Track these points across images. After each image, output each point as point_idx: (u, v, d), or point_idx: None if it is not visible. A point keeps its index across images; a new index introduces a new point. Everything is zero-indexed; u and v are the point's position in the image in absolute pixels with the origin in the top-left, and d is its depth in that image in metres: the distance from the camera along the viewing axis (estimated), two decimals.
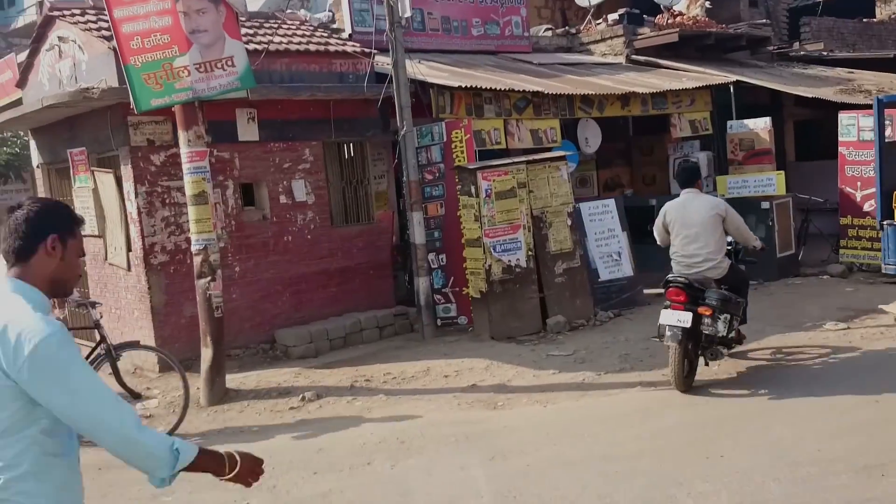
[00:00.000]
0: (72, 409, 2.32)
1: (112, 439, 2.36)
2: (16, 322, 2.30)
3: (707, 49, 14.72)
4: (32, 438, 2.35)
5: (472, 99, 10.60)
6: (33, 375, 2.27)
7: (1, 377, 2.28)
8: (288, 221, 9.80)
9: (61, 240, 2.47)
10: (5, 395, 2.30)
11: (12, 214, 2.47)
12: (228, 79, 7.71)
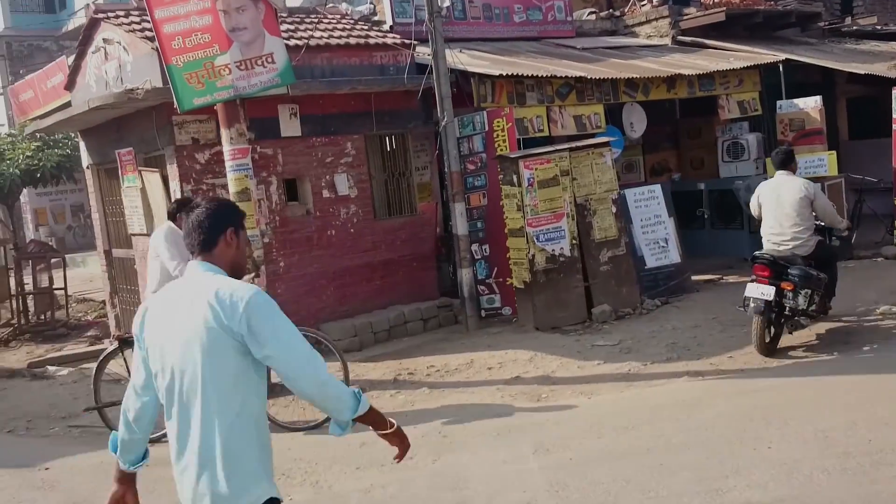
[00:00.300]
0: (280, 355, 2.72)
1: (309, 382, 2.77)
2: (224, 286, 2.78)
3: (755, 27, 14.36)
4: (249, 409, 2.78)
5: (514, 87, 10.51)
6: (250, 327, 2.70)
7: (222, 333, 2.72)
8: (331, 215, 9.87)
9: (235, 232, 2.94)
10: (228, 350, 2.73)
11: (192, 213, 2.94)
12: (269, 75, 7.78)
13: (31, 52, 26.80)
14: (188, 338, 2.76)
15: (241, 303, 2.71)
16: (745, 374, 7.07)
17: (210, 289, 2.77)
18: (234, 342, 2.71)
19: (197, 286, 2.82)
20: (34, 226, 25.52)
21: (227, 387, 2.74)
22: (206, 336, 2.73)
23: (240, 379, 2.76)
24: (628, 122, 11.93)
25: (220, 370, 2.74)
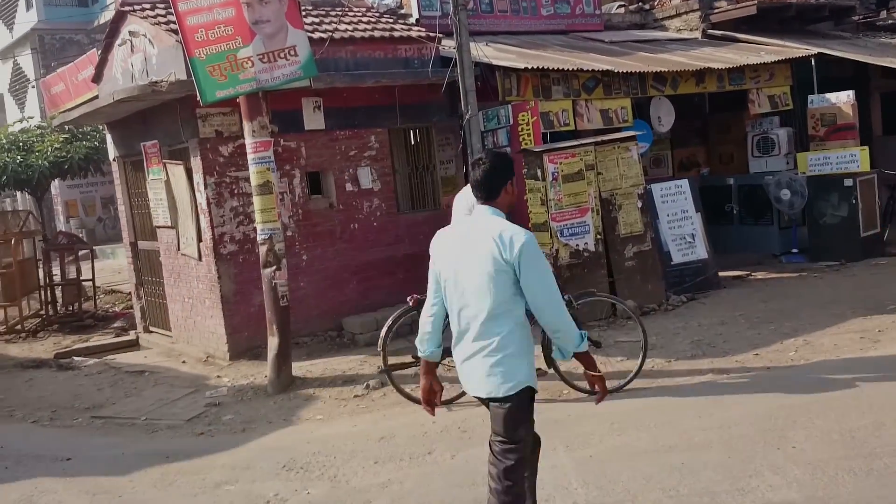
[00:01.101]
0: (539, 289, 3.60)
1: (554, 313, 3.64)
2: (507, 229, 3.64)
3: (788, 21, 14.12)
4: (517, 319, 3.67)
5: (540, 80, 10.41)
6: (522, 262, 3.56)
7: (502, 265, 3.58)
8: (354, 209, 9.85)
9: (513, 182, 3.83)
10: (506, 280, 3.60)
11: (478, 168, 3.80)
12: (291, 68, 7.75)
13: (63, 46, 27.13)
14: (477, 262, 3.65)
15: (517, 244, 3.57)
16: (772, 373, 6.92)
17: (495, 229, 3.64)
18: (509, 270, 3.59)
19: (485, 224, 3.70)
20: (65, 217, 25.86)
21: (505, 300, 3.62)
22: (490, 263, 3.60)
23: (514, 297, 3.65)
24: (656, 117, 11.78)
25: (501, 288, 3.61)
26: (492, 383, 3.65)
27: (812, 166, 11.36)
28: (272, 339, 7.75)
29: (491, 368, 3.64)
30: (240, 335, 9.01)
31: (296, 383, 7.99)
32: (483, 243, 3.62)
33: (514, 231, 3.61)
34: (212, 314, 9.21)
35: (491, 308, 3.62)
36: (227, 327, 8.97)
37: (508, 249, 3.56)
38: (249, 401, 7.71)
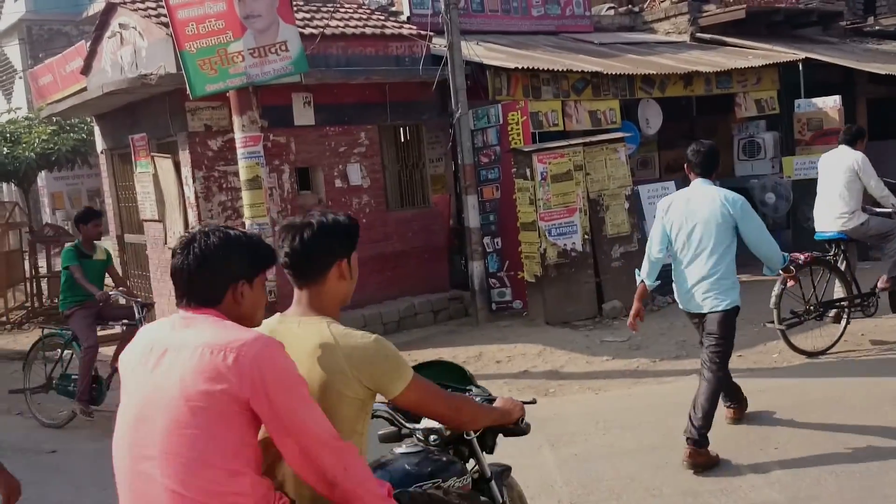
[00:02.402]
0: (756, 233, 5.21)
1: (767, 248, 5.32)
2: (727, 193, 5.22)
3: (776, 25, 14.21)
4: (731, 257, 5.23)
5: (530, 80, 10.45)
6: (741, 214, 5.14)
7: (728, 218, 5.12)
8: (343, 205, 9.85)
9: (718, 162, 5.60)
10: (727, 229, 5.16)
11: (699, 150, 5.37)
12: (282, 63, 7.76)
13: (51, 37, 26.94)
14: (708, 216, 5.15)
15: (739, 201, 5.14)
16: (755, 374, 6.99)
17: (718, 193, 5.20)
18: (731, 221, 5.14)
19: (707, 191, 5.23)
20: (51, 209, 25.68)
21: (725, 243, 5.17)
22: (720, 216, 5.13)
23: (732, 241, 5.19)
24: (644, 119, 11.84)
25: (723, 234, 5.15)
26: (715, 301, 5.18)
27: (798, 170, 11.44)
28: None
29: (714, 292, 5.18)
30: None
31: None
32: (712, 202, 5.16)
33: (732, 195, 5.20)
34: None
35: (714, 248, 5.15)
36: None
37: (731, 206, 5.11)
38: None
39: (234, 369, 2.10)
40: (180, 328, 2.24)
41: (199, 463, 2.08)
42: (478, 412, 2.70)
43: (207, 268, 2.25)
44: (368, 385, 2.36)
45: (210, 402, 2.10)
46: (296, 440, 2.16)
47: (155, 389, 2.16)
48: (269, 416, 2.14)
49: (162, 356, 2.19)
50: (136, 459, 2.17)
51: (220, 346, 2.13)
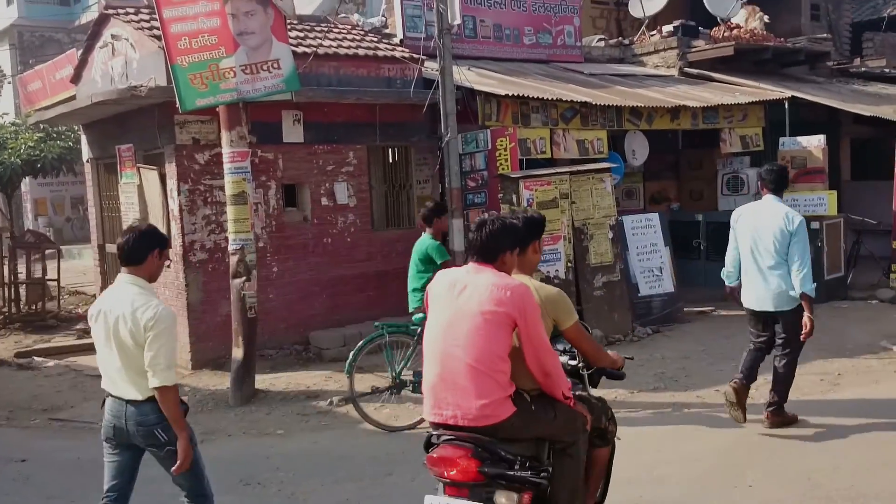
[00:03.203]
0: (799, 250, 6.01)
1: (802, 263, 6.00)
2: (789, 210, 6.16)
3: (764, 63, 14.40)
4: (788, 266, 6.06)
5: (519, 107, 10.53)
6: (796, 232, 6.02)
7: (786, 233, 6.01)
8: (329, 224, 9.86)
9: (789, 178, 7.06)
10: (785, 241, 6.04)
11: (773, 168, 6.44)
12: (273, 81, 7.79)
13: (42, 43, 26.88)
14: (772, 228, 6.04)
15: (796, 220, 5.99)
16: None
17: (782, 210, 6.09)
18: (788, 236, 5.98)
19: (774, 206, 6.12)
20: (34, 215, 25.49)
21: (783, 254, 6.02)
22: (779, 231, 5.99)
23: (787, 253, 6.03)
24: (630, 150, 11.94)
25: (782, 246, 6.00)
26: (780, 301, 6.12)
27: None
28: (237, 351, 7.71)
29: (779, 293, 6.09)
30: (204, 344, 8.95)
31: (258, 396, 7.95)
32: (775, 217, 6.04)
33: (793, 213, 6.07)
34: (178, 321, 9.12)
35: (776, 258, 6.04)
36: (191, 336, 8.91)
37: (791, 224, 5.99)
38: (210, 412, 7.65)
39: (510, 299, 3.46)
40: (473, 273, 3.61)
41: (486, 349, 3.44)
42: (604, 354, 4.11)
43: (491, 241, 3.63)
44: (553, 317, 3.79)
45: (495, 316, 3.45)
46: (534, 346, 3.51)
47: (460, 307, 3.51)
48: (523, 329, 3.48)
49: (464, 289, 3.55)
50: (448, 346, 3.50)
51: (502, 285, 3.49)
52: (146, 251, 4.02)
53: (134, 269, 4.02)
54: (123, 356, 3.93)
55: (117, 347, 3.94)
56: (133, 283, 4.00)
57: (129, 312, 3.89)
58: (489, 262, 3.62)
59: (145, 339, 3.85)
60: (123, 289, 4.00)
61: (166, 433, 3.93)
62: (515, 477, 3.43)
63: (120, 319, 3.91)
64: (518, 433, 3.51)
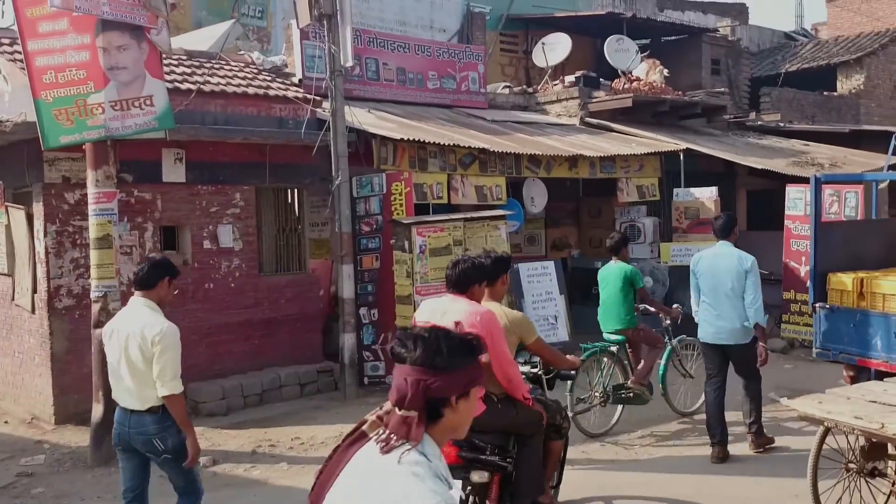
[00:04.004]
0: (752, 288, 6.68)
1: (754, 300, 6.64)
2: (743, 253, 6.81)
3: (662, 115, 14.68)
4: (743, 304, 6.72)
5: (417, 152, 10.36)
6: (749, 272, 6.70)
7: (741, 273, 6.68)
8: (211, 268, 9.40)
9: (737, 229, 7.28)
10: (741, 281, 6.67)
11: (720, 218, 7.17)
12: (145, 118, 7.39)
13: None
14: (728, 269, 6.65)
15: (748, 260, 6.64)
16: (616, 465, 6.85)
17: (736, 252, 6.72)
18: (743, 275, 6.60)
19: (729, 250, 6.77)
20: None
21: (739, 291, 6.59)
22: (734, 270, 6.62)
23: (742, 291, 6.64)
24: (529, 197, 11.91)
25: (739, 285, 6.59)
26: (736, 335, 6.70)
27: (674, 256, 11.67)
28: (97, 406, 7.17)
29: (735, 329, 6.67)
30: (68, 397, 8.33)
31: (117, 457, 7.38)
32: (730, 259, 6.67)
33: (745, 254, 6.70)
34: (40, 372, 8.51)
35: (732, 296, 6.59)
36: (55, 388, 8.29)
37: (744, 263, 6.61)
38: (66, 472, 7.07)
39: (479, 322, 4.35)
40: (451, 302, 4.58)
41: None
42: (563, 359, 5.21)
43: (463, 276, 4.59)
44: (518, 335, 4.87)
45: None
46: (498, 359, 4.43)
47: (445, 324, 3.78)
48: (490, 346, 4.10)
49: (444, 314, 4.42)
50: None
51: (474, 312, 4.45)
52: (157, 278, 4.59)
53: (146, 293, 4.58)
54: (132, 370, 4.45)
55: (126, 362, 4.47)
56: (144, 304, 4.56)
57: (139, 329, 4.43)
58: (462, 292, 4.61)
59: (153, 354, 4.39)
60: (135, 308, 4.57)
61: (163, 443, 4.47)
62: (486, 461, 4.41)
63: (130, 336, 4.45)
64: (488, 427, 4.31)
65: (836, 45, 22.43)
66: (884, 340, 6.71)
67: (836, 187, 11.42)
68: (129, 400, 4.51)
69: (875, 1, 29.03)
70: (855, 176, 11.52)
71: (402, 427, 2.09)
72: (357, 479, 2.10)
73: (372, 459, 2.10)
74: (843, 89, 20.97)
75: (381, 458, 2.08)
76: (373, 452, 2.11)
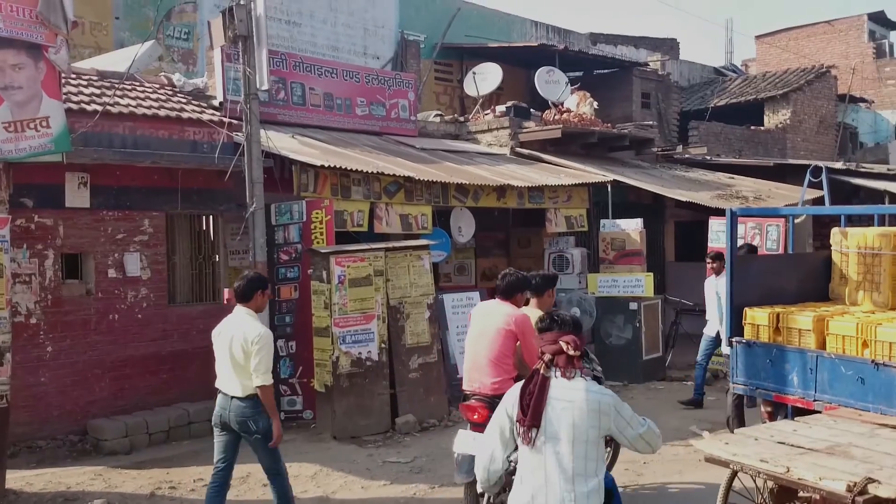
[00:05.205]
0: None
1: None
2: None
3: (592, 147, 14.72)
4: None
5: (339, 179, 10.06)
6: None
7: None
8: (116, 297, 8.94)
9: None
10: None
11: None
12: (41, 140, 7.01)
13: None
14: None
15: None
16: None
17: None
18: None
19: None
20: None
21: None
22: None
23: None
24: (456, 227, 11.72)
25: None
26: None
27: (601, 287, 11.60)
28: None
29: None
30: None
31: (8, 498, 6.88)
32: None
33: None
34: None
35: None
36: None
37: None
38: None
39: (515, 323, 5.70)
40: (497, 305, 5.92)
41: (499, 351, 5.71)
42: None
43: (508, 286, 5.94)
44: None
45: (507, 332, 5.68)
46: (528, 351, 5.54)
47: (487, 325, 5.78)
48: (522, 341, 5.66)
49: (489, 315, 5.86)
50: (478, 347, 5.80)
51: (513, 314, 5.75)
52: (252, 292, 5.71)
53: (245, 304, 5.68)
54: (234, 364, 5.52)
55: (230, 358, 5.54)
56: (246, 312, 5.67)
57: (241, 332, 5.51)
58: (507, 299, 5.91)
59: (252, 351, 5.43)
60: (239, 317, 5.65)
61: (256, 424, 5.51)
62: None
63: (234, 338, 5.53)
64: None
65: (763, 80, 23.01)
66: (800, 376, 6.62)
67: (758, 220, 11.52)
68: (232, 388, 5.55)
69: (802, 39, 30.06)
70: (772, 210, 11.65)
71: (571, 365, 3.69)
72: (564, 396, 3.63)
73: (563, 384, 3.67)
74: (770, 124, 21.47)
75: (569, 382, 3.67)
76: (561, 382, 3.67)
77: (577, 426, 3.52)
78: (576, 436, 3.51)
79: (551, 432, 3.54)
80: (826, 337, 6.51)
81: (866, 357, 6.08)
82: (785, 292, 7.42)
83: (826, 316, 6.62)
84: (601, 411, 3.56)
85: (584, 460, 3.51)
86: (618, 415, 3.60)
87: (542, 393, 3.55)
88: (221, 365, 5.64)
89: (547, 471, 3.52)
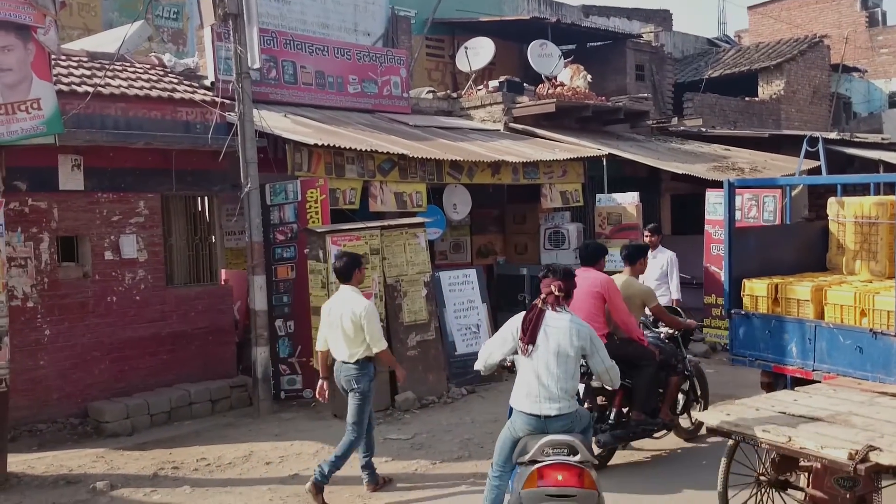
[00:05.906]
0: None
1: None
2: None
3: (586, 121, 14.66)
4: None
5: (333, 157, 10.01)
6: None
7: None
8: (113, 280, 8.91)
9: None
10: None
11: None
12: (32, 123, 6.92)
13: None
14: None
15: None
16: None
17: None
18: None
19: None
20: None
21: None
22: None
23: None
24: (451, 204, 11.69)
25: None
26: None
27: None
28: None
29: None
30: None
31: (10, 482, 6.89)
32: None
33: None
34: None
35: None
36: None
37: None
38: None
39: (601, 284, 6.75)
40: (584, 272, 6.51)
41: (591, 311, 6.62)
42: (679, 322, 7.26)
43: (591, 254, 7.01)
44: (642, 301, 7.13)
45: (596, 294, 6.69)
46: (615, 310, 6.73)
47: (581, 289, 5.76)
48: (609, 301, 6.72)
49: (585, 279, 6.27)
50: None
51: (599, 278, 6.79)
52: (350, 271, 6.50)
53: (347, 283, 6.49)
54: (345, 335, 6.34)
55: (341, 330, 6.34)
56: (350, 289, 6.48)
57: (349, 308, 6.33)
58: (591, 265, 6.86)
59: (361, 324, 6.27)
60: (346, 294, 6.46)
61: (357, 383, 6.35)
62: None
63: (343, 314, 6.33)
64: (611, 356, 5.21)
65: (757, 51, 22.91)
66: (798, 347, 6.67)
67: (754, 191, 11.52)
68: (342, 355, 6.37)
69: (795, 9, 29.91)
70: (769, 180, 11.64)
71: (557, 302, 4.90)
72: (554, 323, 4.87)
73: (553, 314, 4.89)
74: (764, 95, 21.41)
75: (557, 314, 4.91)
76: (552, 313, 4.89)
77: (561, 344, 4.79)
78: (559, 351, 4.79)
79: (542, 347, 4.80)
80: (824, 307, 6.54)
81: (864, 326, 6.11)
82: (783, 263, 7.45)
83: (824, 286, 6.65)
84: (580, 335, 4.86)
85: (564, 368, 4.80)
86: (591, 342, 4.91)
87: (538, 320, 4.80)
88: (333, 336, 6.42)
89: (538, 373, 4.79)
